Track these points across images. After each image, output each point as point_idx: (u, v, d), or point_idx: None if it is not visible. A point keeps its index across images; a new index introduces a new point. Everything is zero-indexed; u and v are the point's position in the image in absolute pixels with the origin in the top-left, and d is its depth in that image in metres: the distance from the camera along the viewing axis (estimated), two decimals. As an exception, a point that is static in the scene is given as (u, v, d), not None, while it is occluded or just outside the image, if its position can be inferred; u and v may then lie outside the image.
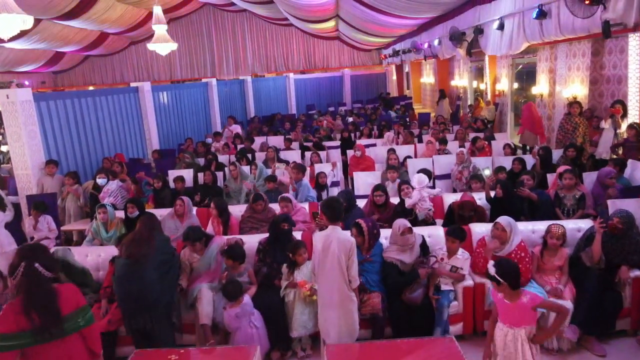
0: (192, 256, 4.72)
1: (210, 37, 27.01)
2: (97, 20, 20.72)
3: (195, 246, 4.64)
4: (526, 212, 5.45)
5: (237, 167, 7.30)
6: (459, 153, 6.90)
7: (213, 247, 4.75)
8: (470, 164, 6.83)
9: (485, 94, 13.80)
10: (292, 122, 12.76)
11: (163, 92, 10.88)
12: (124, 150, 9.36)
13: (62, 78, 28.56)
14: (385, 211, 5.58)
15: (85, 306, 2.92)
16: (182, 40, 26.86)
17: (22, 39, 19.44)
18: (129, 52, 27.75)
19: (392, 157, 7.14)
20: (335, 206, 3.81)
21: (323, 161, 8.48)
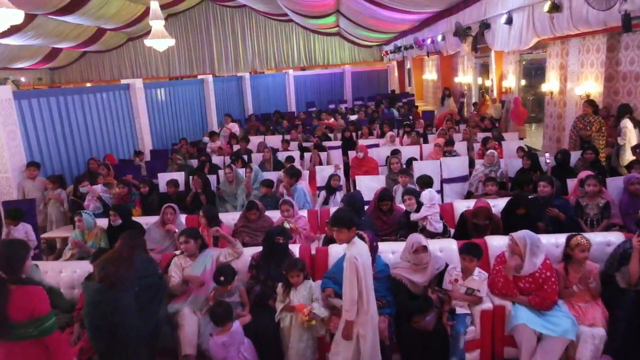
0: (186, 262, 4.23)
1: (209, 33, 26.54)
2: (94, 16, 20.23)
3: (189, 244, 4.15)
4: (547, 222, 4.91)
5: (233, 170, 6.78)
6: (489, 155, 6.39)
7: (208, 251, 4.26)
8: (499, 167, 6.32)
9: (491, 91, 13.25)
10: (291, 121, 12.21)
11: (156, 89, 10.33)
12: (114, 151, 8.83)
13: (59, 74, 28.06)
14: (390, 217, 5.07)
15: (44, 316, 2.63)
16: (180, 36, 26.43)
17: (17, 34, 18.93)
18: (127, 49, 27.24)
19: (394, 161, 6.55)
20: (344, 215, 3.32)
21: (323, 162, 7.95)
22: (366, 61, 25.32)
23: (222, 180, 6.92)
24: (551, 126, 10.44)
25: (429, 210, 4.69)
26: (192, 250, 4.21)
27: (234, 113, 14.04)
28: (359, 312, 3.17)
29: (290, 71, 18.11)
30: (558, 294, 3.82)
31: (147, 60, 27.51)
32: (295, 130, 10.15)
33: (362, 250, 3.22)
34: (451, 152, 7.58)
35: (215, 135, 9.25)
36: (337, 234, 3.27)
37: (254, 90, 15.74)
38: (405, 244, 4.00)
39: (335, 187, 6.44)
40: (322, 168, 7.00)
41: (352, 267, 3.11)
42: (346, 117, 13.11)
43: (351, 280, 3.14)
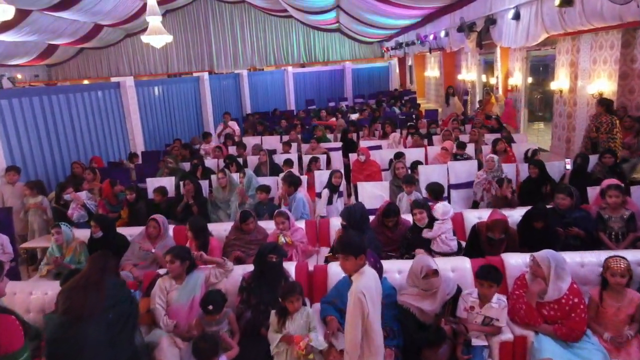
0: (171, 285, 3.77)
1: (207, 29, 26.02)
2: (90, 12, 19.76)
3: (174, 264, 3.69)
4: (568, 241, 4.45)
5: (227, 175, 6.30)
6: (489, 159, 5.88)
7: (198, 274, 3.81)
8: (502, 172, 5.83)
9: (496, 88, 12.75)
10: (290, 120, 11.71)
11: (148, 87, 9.84)
12: (103, 154, 8.36)
13: (56, 71, 27.55)
14: (395, 232, 4.60)
15: (16, 352, 2.29)
16: (178, 32, 25.93)
17: (12, 30, 18.44)
18: (125, 45, 26.71)
19: (399, 166, 6.05)
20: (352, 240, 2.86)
21: (323, 166, 7.46)
22: (367, 58, 24.80)
23: (214, 186, 6.44)
24: (560, 126, 9.95)
25: (443, 227, 4.22)
26: (178, 272, 3.75)
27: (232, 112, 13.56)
28: (364, 356, 2.70)
29: (290, 68, 17.58)
30: (586, 323, 3.36)
31: (145, 57, 27.00)
32: (294, 130, 9.66)
33: (370, 283, 2.75)
34: (462, 155, 7.10)
35: (209, 137, 8.72)
36: (343, 262, 2.81)
37: (252, 88, 15.22)
38: (411, 267, 3.53)
39: (337, 185, 6.00)
40: (321, 173, 6.52)
41: (357, 303, 2.64)
42: (347, 116, 12.59)
43: (355, 318, 2.67)
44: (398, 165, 6.00)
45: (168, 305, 3.70)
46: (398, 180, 5.86)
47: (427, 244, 4.33)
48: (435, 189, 5.17)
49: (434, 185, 5.21)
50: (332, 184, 5.99)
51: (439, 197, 5.19)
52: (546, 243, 4.39)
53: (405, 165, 5.97)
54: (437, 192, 5.16)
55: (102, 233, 4.76)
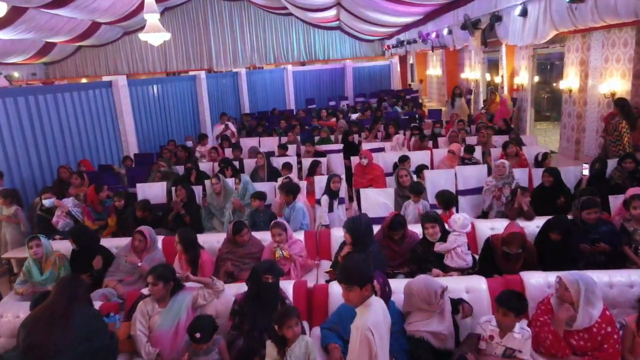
0: (154, 308, 3.38)
1: (206, 27, 25.61)
2: (87, 9, 19.37)
3: (157, 287, 3.30)
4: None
5: (221, 181, 5.90)
6: (500, 165, 5.46)
7: (183, 295, 3.42)
8: (512, 180, 5.41)
9: (501, 87, 12.34)
10: (289, 120, 11.28)
11: (142, 86, 9.42)
12: (94, 156, 7.96)
13: (53, 69, 27.13)
14: (402, 246, 4.20)
15: None
16: (177, 30, 25.54)
17: (8, 28, 18.04)
18: (123, 43, 26.28)
19: (403, 174, 5.53)
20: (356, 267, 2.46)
21: (323, 170, 7.06)
22: (367, 56, 24.36)
23: (208, 192, 6.04)
24: (569, 127, 9.54)
25: (459, 239, 3.82)
26: (161, 294, 3.35)
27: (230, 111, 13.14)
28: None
29: (289, 66, 17.14)
30: (620, 354, 2.97)
31: (143, 55, 26.59)
32: (292, 131, 9.24)
33: (378, 317, 2.36)
34: (470, 159, 6.70)
35: (205, 138, 8.29)
36: (347, 294, 2.43)
37: (250, 87, 14.79)
38: (416, 291, 3.13)
39: (336, 190, 5.60)
40: (322, 178, 6.11)
41: (364, 342, 2.26)
42: (348, 116, 12.17)
43: (360, 358, 2.27)
44: (401, 173, 5.54)
45: (150, 331, 3.32)
46: (403, 190, 5.44)
47: (439, 258, 3.93)
48: (446, 198, 4.77)
49: (445, 194, 4.80)
50: (330, 189, 5.59)
51: (450, 207, 4.80)
52: (566, 258, 4.03)
53: (410, 173, 5.50)
54: (449, 201, 4.77)
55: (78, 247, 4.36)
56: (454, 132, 7.74)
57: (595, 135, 8.57)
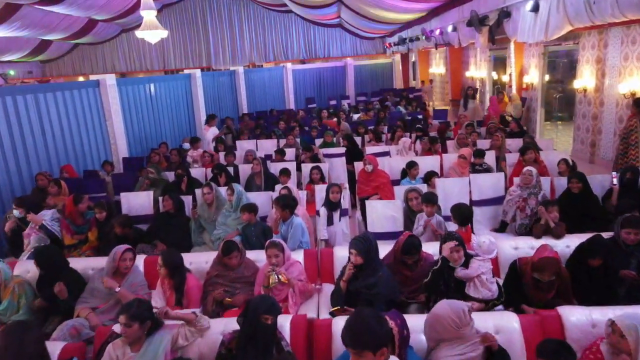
0: (125, 353, 2.83)
1: (205, 24, 25.03)
2: (83, 6, 18.80)
3: (130, 329, 2.75)
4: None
5: (213, 190, 5.34)
6: (526, 173, 4.88)
7: (161, 336, 2.86)
8: (540, 190, 4.84)
9: (509, 86, 11.76)
10: (288, 121, 10.70)
11: (132, 86, 8.83)
12: (80, 161, 7.39)
13: (50, 67, 26.53)
14: (416, 271, 3.63)
15: None
16: (175, 28, 24.99)
17: (2, 26, 17.49)
18: (120, 41, 25.68)
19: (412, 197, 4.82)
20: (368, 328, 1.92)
21: (325, 177, 6.48)
22: (368, 54, 23.78)
23: (199, 203, 5.48)
24: (584, 128, 8.97)
25: (484, 265, 3.27)
26: (135, 337, 2.80)
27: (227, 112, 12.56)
28: None
29: (289, 65, 16.54)
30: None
31: (141, 53, 25.99)
32: (291, 134, 8.67)
33: None
34: (481, 165, 6.13)
35: (198, 142, 7.70)
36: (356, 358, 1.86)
37: (248, 85, 14.18)
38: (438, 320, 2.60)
39: (335, 201, 5.00)
40: (323, 187, 5.53)
41: None
42: (349, 117, 11.57)
43: None
44: (411, 196, 4.84)
45: (121, 382, 2.76)
46: (413, 214, 4.80)
47: (460, 286, 3.36)
48: (463, 213, 4.19)
49: (462, 209, 4.21)
50: (329, 200, 5.01)
51: (467, 223, 4.23)
52: (604, 286, 3.48)
53: (421, 194, 4.77)
54: (466, 217, 4.19)
55: (43, 271, 3.80)
56: (464, 135, 7.15)
57: (613, 137, 8.01)
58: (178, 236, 5.11)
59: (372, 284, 3.34)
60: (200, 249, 5.11)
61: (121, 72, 26.06)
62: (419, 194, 4.82)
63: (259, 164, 6.38)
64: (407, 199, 4.86)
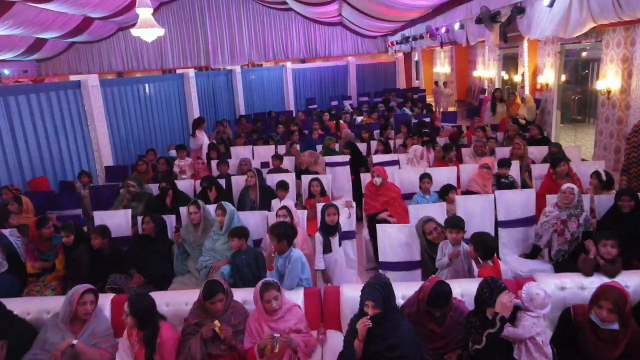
0: None
1: (203, 23, 24.23)
2: (77, 3, 18.04)
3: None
4: None
5: (201, 210, 4.58)
6: (567, 191, 4.08)
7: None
8: (582, 211, 4.07)
9: (522, 87, 10.99)
10: (287, 124, 9.92)
11: (118, 87, 8.05)
12: (58, 171, 6.63)
13: (45, 66, 25.73)
14: (444, 322, 2.87)
15: None
16: (173, 26, 24.23)
17: (-5, 24, 16.78)
18: (117, 39, 24.86)
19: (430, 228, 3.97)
20: None
21: (327, 190, 5.71)
22: (370, 53, 23.01)
23: (184, 224, 4.72)
24: (607, 133, 8.20)
25: (539, 324, 2.52)
26: None
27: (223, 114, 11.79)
28: None
29: (288, 64, 15.73)
30: None
31: (138, 52, 25.19)
32: (291, 137, 7.90)
33: None
34: (507, 177, 5.37)
35: (183, 150, 6.89)
36: None
37: (246, 86, 13.38)
38: None
39: (332, 224, 4.13)
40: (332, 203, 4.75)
41: None
42: (353, 118, 10.78)
43: None
44: (429, 227, 3.97)
45: None
46: (432, 247, 3.97)
47: (503, 347, 2.61)
48: (488, 245, 3.41)
49: (485, 239, 3.41)
50: (326, 224, 4.17)
51: (491, 256, 3.45)
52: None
53: (440, 226, 3.96)
54: (489, 250, 3.41)
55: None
56: (481, 142, 6.37)
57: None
58: (158, 264, 4.36)
59: (394, 345, 2.59)
60: (184, 279, 4.36)
61: (118, 72, 25.31)
62: (438, 225, 4.02)
63: (254, 176, 5.62)
64: (424, 232, 4.05)
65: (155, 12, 23.83)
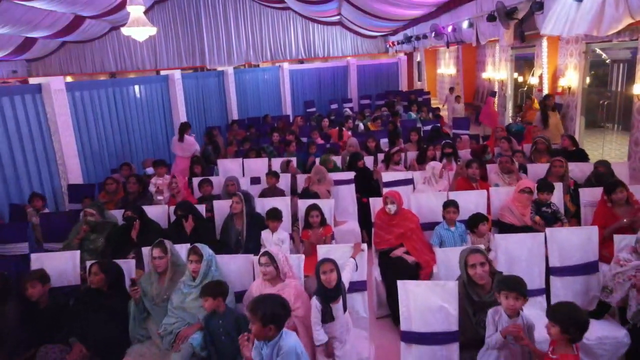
0: None
1: (199, 22, 23.16)
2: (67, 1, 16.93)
3: None
4: None
5: (168, 253, 3.47)
6: None
7: None
8: None
9: (539, 90, 9.90)
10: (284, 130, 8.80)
11: (89, 91, 6.90)
12: (12, 190, 5.52)
13: (36, 66, 24.55)
14: None
15: None
16: (168, 25, 23.16)
17: (-20, 23, 15.67)
18: (110, 39, 23.71)
19: (477, 262, 2.91)
20: None
21: (330, 218, 4.61)
22: (370, 53, 21.95)
23: (146, 272, 3.61)
24: (644, 143, 7.13)
25: None
26: None
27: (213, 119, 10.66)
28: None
29: (285, 64, 14.60)
30: None
31: (132, 52, 24.09)
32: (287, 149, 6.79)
33: None
34: (549, 205, 4.29)
35: (162, 166, 5.74)
36: None
37: (239, 88, 12.22)
38: None
39: (330, 285, 2.93)
40: (332, 248, 3.63)
41: None
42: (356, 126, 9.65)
43: None
44: (473, 261, 2.92)
45: None
46: (478, 291, 2.96)
47: None
48: (581, 323, 2.32)
49: (577, 315, 2.34)
50: (322, 286, 2.97)
51: (580, 339, 2.37)
52: None
53: (489, 261, 2.93)
54: (582, 330, 2.33)
55: None
56: (507, 159, 5.24)
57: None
58: (109, 328, 3.25)
59: None
60: (142, 349, 3.26)
61: (111, 72, 24.29)
62: (486, 259, 2.96)
63: (240, 201, 4.51)
64: (466, 265, 2.99)
65: (149, 11, 22.70)
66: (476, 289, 2.99)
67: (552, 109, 7.89)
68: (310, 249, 4.36)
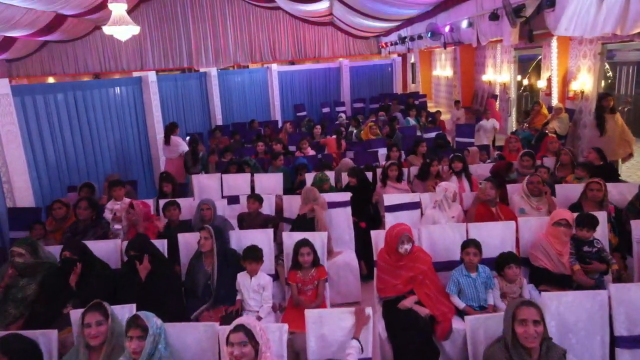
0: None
1: (186, 22, 22.10)
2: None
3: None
4: None
5: (109, 319, 2.51)
6: None
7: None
8: None
9: (547, 94, 9.05)
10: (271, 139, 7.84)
11: (43, 95, 5.86)
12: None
13: (17, 67, 23.32)
14: None
15: None
16: (154, 25, 22.05)
17: (-45, 21, 14.54)
18: (94, 38, 22.53)
19: (529, 319, 2.12)
20: None
21: (322, 256, 3.67)
22: (362, 54, 21.09)
23: (76, 343, 2.65)
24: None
25: None
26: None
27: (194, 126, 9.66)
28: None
29: (274, 66, 13.63)
30: None
31: (116, 52, 22.94)
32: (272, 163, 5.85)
33: None
34: (592, 243, 3.39)
35: (119, 186, 4.68)
36: None
37: (224, 92, 11.19)
38: None
39: None
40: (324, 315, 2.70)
41: None
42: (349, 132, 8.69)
43: None
44: (524, 314, 2.14)
45: None
46: (522, 355, 2.09)
47: None
48: None
49: None
50: None
51: None
52: None
53: (543, 321, 2.09)
54: None
55: None
56: (538, 178, 4.32)
57: None
58: None
59: None
60: None
61: (95, 73, 23.20)
62: (542, 317, 2.10)
63: (210, 237, 3.54)
64: (513, 319, 2.13)
65: (135, 10, 21.59)
66: (523, 354, 2.14)
67: (612, 110, 6.38)
68: (298, 297, 3.42)
